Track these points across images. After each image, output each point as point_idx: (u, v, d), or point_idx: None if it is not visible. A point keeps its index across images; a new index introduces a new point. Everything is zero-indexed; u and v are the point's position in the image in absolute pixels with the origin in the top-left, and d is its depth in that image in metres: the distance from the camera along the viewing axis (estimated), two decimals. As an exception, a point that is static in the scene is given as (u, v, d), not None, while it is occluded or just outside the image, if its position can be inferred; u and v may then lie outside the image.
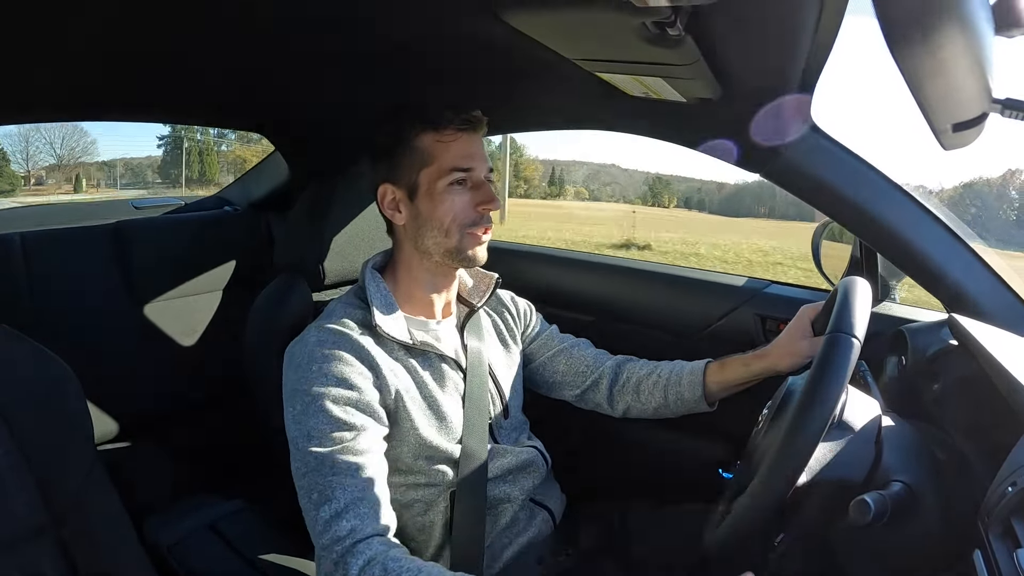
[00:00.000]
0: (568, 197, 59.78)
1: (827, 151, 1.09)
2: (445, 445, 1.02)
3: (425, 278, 1.08)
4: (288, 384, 0.97)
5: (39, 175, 25.71)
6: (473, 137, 1.03)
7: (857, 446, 0.81)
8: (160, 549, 1.05)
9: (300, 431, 0.92)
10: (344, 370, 0.94)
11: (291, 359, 0.98)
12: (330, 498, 0.88)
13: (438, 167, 1.01)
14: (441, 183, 1.01)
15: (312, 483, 0.90)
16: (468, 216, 1.02)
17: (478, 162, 1.02)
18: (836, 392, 0.74)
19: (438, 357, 1.06)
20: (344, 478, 0.89)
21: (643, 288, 1.59)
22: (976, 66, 0.47)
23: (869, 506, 0.71)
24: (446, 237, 1.02)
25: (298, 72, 1.21)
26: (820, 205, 1.14)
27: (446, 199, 1.01)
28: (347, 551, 0.85)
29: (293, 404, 0.94)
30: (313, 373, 0.94)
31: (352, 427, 0.92)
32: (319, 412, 0.91)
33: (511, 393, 1.17)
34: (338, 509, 0.87)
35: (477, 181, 1.03)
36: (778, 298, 1.40)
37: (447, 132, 1.01)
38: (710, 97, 1.00)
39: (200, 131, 28.45)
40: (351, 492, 0.88)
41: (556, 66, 0.94)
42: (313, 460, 0.90)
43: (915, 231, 1.07)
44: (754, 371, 1.12)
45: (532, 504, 1.13)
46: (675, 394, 1.16)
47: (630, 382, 1.21)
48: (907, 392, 1.02)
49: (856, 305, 0.81)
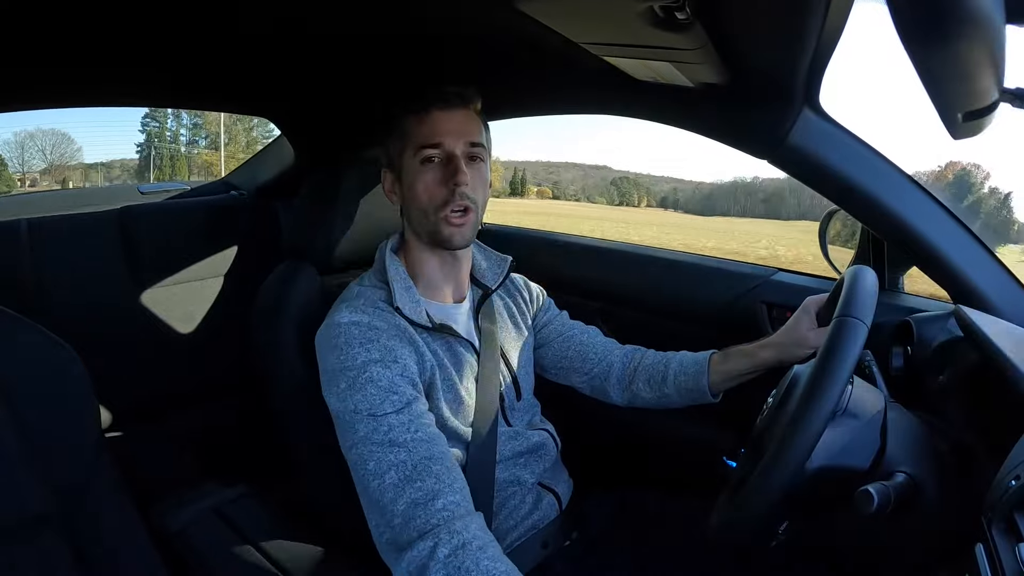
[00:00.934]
0: (531, 196, 61.16)
1: (834, 137, 1.08)
2: (458, 426, 1.02)
3: (429, 259, 1.07)
4: (327, 366, 0.95)
5: (33, 177, 29.53)
6: (449, 114, 1.01)
7: (863, 434, 0.80)
8: (166, 534, 1.06)
9: (346, 408, 0.90)
10: (387, 343, 0.94)
11: (327, 341, 0.96)
12: (393, 463, 0.84)
13: (412, 145, 1.00)
14: (414, 161, 1.00)
15: (366, 455, 0.86)
16: (438, 193, 0.99)
17: (448, 137, 0.99)
18: (845, 373, 0.73)
19: (455, 339, 1.06)
20: (405, 440, 0.86)
21: (650, 274, 1.58)
22: (988, 55, 0.46)
23: (872, 497, 0.70)
24: (424, 218, 1.01)
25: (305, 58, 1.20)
26: (827, 192, 1.13)
27: (418, 177, 1.00)
28: (440, 525, 0.80)
29: (336, 383, 0.92)
30: (354, 348, 0.92)
31: (403, 396, 0.90)
32: (367, 383, 0.90)
33: (523, 376, 1.17)
34: (406, 473, 0.83)
35: (447, 156, 1.00)
36: (785, 286, 1.39)
37: (421, 110, 1.00)
38: (717, 82, 0.99)
39: (172, 138, 32.14)
40: (417, 452, 0.86)
41: (563, 50, 0.94)
42: (366, 430, 0.87)
43: (923, 220, 1.06)
44: (758, 361, 1.11)
45: (540, 487, 1.13)
46: (679, 384, 1.16)
47: (637, 372, 1.21)
48: (912, 383, 1.01)
49: (863, 291, 0.81)
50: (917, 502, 0.74)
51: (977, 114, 0.55)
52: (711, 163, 43.20)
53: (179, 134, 32.85)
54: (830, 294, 1.05)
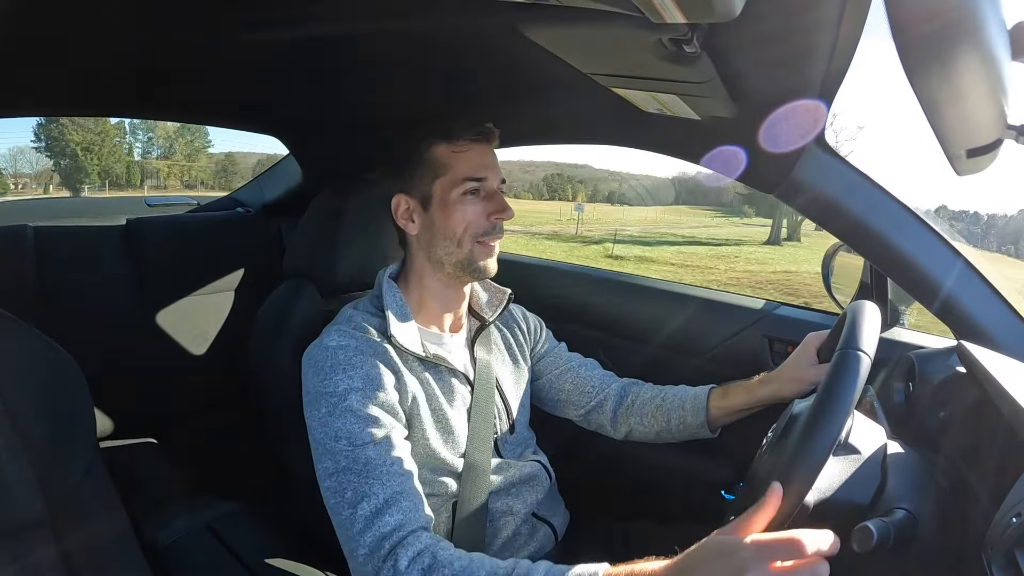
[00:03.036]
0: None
1: (840, 173, 1.08)
2: (449, 457, 1.02)
3: (437, 289, 1.08)
4: (310, 388, 0.96)
5: (24, 181, 36.39)
6: (486, 148, 1.04)
7: (863, 468, 0.80)
8: (156, 548, 1.05)
9: (327, 432, 0.91)
10: (368, 371, 0.94)
11: (311, 363, 0.97)
12: (367, 494, 0.86)
13: (452, 177, 1.02)
14: (455, 193, 1.01)
15: (344, 481, 0.88)
16: (481, 225, 1.02)
17: (491, 172, 1.03)
18: (847, 405, 0.73)
19: (448, 370, 1.06)
20: (380, 473, 0.87)
21: (652, 306, 1.58)
22: (992, 92, 0.47)
23: (872, 533, 0.70)
24: (458, 247, 1.03)
25: (316, 80, 1.22)
26: (831, 227, 1.13)
27: (459, 209, 1.02)
28: (397, 544, 0.83)
29: (317, 407, 0.93)
30: (337, 374, 0.93)
31: (381, 424, 0.91)
32: (346, 412, 0.91)
33: (518, 408, 1.17)
34: (378, 505, 0.85)
35: (490, 191, 1.03)
36: (787, 320, 1.39)
37: (460, 143, 1.02)
38: (725, 116, 1.00)
39: (128, 151, 38.42)
40: (390, 487, 0.87)
41: (572, 81, 0.95)
42: (344, 459, 0.89)
43: (926, 256, 1.06)
44: (758, 397, 1.11)
45: (534, 519, 1.12)
46: (678, 419, 1.16)
47: (634, 405, 1.21)
48: (913, 419, 1.01)
49: (866, 325, 0.81)
50: (917, 538, 0.74)
51: (981, 151, 0.56)
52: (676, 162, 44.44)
53: (134, 146, 39.65)
54: (832, 330, 1.05)
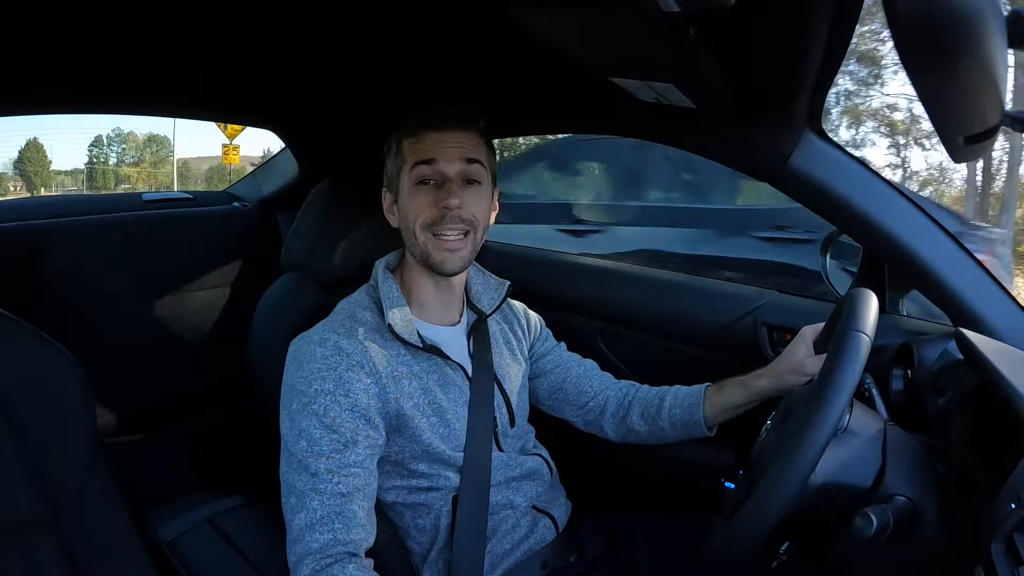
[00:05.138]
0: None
1: (836, 160, 1.08)
2: (449, 451, 1.02)
3: (424, 282, 1.07)
4: (287, 380, 0.96)
5: (19, 184, 37.84)
6: (445, 135, 1.01)
7: (864, 452, 0.80)
8: (159, 544, 1.05)
9: (291, 430, 0.92)
10: (344, 374, 0.94)
11: (293, 356, 0.98)
12: (306, 507, 0.88)
13: (407, 165, 1.01)
14: (409, 181, 1.01)
15: (291, 485, 0.90)
16: (429, 214, 0.99)
17: (442, 159, 1.00)
18: (849, 385, 0.73)
19: (445, 362, 1.05)
20: (324, 489, 0.88)
21: (651, 294, 1.58)
22: (989, 80, 0.47)
23: (872, 520, 0.70)
24: (415, 239, 1.01)
25: (310, 71, 1.21)
26: (828, 214, 1.13)
27: (412, 198, 1.01)
28: (319, 570, 0.85)
29: (290, 401, 0.94)
30: (312, 373, 0.93)
31: (342, 437, 0.91)
32: (312, 415, 0.91)
33: (517, 402, 1.16)
34: (312, 520, 0.87)
35: (442, 178, 1.00)
36: (786, 307, 1.39)
37: (418, 132, 1.01)
38: (720, 103, 1.00)
39: (104, 159, 41.26)
40: (328, 505, 0.88)
41: (567, 69, 0.94)
42: (297, 463, 0.90)
43: (923, 242, 1.06)
44: (754, 391, 1.11)
45: (535, 511, 1.12)
46: (674, 418, 1.15)
47: (632, 406, 1.20)
48: (912, 405, 1.01)
49: (865, 308, 0.81)
50: (916, 525, 0.74)
51: (978, 137, 0.56)
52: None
53: (108, 155, 41.99)
54: (829, 317, 1.05)
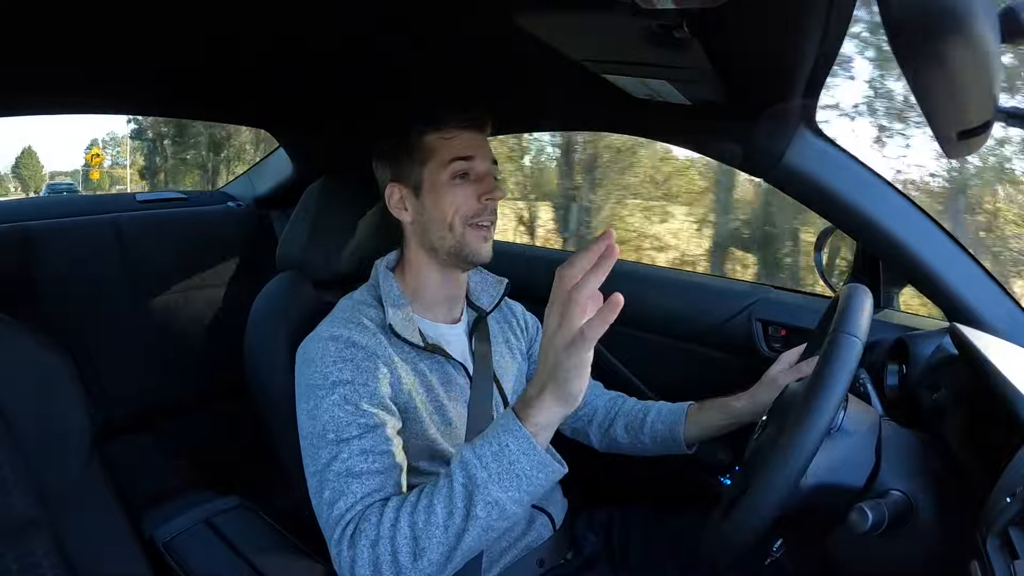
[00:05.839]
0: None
1: (830, 156, 1.08)
2: (448, 449, 1.02)
3: (434, 278, 1.07)
4: (301, 380, 0.96)
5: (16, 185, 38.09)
6: (475, 135, 1.04)
7: (857, 451, 0.80)
8: (156, 544, 1.05)
9: (314, 427, 0.91)
10: (361, 363, 0.94)
11: (304, 355, 0.97)
12: (344, 493, 0.86)
13: (440, 161, 1.02)
14: (444, 176, 1.01)
15: (324, 480, 0.88)
16: (471, 207, 1.02)
17: (479, 155, 1.03)
18: (840, 389, 0.73)
19: (447, 361, 1.05)
20: (360, 471, 0.87)
21: (645, 291, 1.58)
22: (982, 75, 0.47)
23: (867, 515, 0.70)
24: (450, 231, 1.02)
25: (304, 69, 1.21)
26: (823, 210, 1.14)
27: (448, 192, 1.01)
28: (360, 516, 0.83)
29: (307, 400, 0.93)
30: (328, 367, 0.93)
31: (367, 423, 0.90)
32: (333, 407, 0.90)
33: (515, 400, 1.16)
34: (352, 502, 0.85)
35: (479, 173, 1.03)
36: (781, 304, 1.39)
37: (449, 130, 1.02)
38: (715, 100, 1.00)
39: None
40: (368, 484, 0.87)
41: (561, 67, 0.94)
42: (326, 456, 0.88)
43: (917, 239, 1.06)
44: (730, 413, 1.12)
45: (532, 509, 1.12)
46: (655, 432, 1.17)
47: (617, 417, 1.22)
48: (907, 401, 1.01)
49: (858, 309, 0.81)
50: (912, 520, 0.74)
51: (971, 133, 0.56)
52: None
53: (104, 159, 42.26)
54: (824, 313, 1.06)
